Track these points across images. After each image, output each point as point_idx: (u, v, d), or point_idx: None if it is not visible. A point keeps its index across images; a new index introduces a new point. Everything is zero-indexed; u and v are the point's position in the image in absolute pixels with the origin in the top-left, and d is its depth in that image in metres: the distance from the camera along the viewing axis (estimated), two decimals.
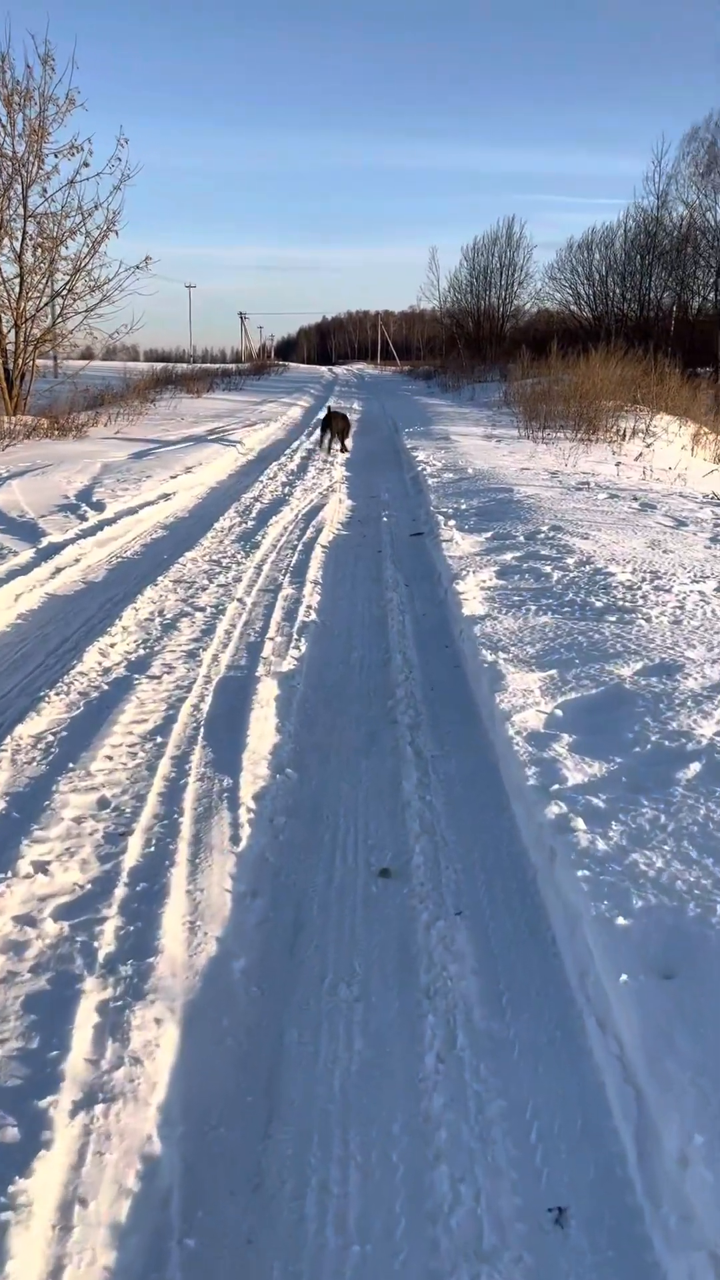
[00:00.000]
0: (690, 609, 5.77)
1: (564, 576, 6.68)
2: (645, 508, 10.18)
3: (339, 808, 3.70)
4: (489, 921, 2.90)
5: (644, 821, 3.15)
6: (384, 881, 3.15)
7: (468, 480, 11.85)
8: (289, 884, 3.17)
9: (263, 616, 6.26)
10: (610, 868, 2.87)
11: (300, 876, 3.22)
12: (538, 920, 2.91)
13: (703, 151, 39.48)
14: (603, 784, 3.48)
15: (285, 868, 3.27)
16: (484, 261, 49.45)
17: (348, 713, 4.71)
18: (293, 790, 3.83)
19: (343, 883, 3.17)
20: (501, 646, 5.12)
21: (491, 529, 8.66)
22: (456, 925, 2.86)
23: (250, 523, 9.78)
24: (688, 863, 2.87)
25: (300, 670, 5.24)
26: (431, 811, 3.60)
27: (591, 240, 45.31)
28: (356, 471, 14.32)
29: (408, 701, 4.78)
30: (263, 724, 4.38)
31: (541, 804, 3.33)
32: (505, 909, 2.97)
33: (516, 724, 4.08)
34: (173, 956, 2.65)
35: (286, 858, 3.33)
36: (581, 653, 4.96)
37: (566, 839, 3.06)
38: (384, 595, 7.01)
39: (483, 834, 3.44)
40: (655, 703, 4.20)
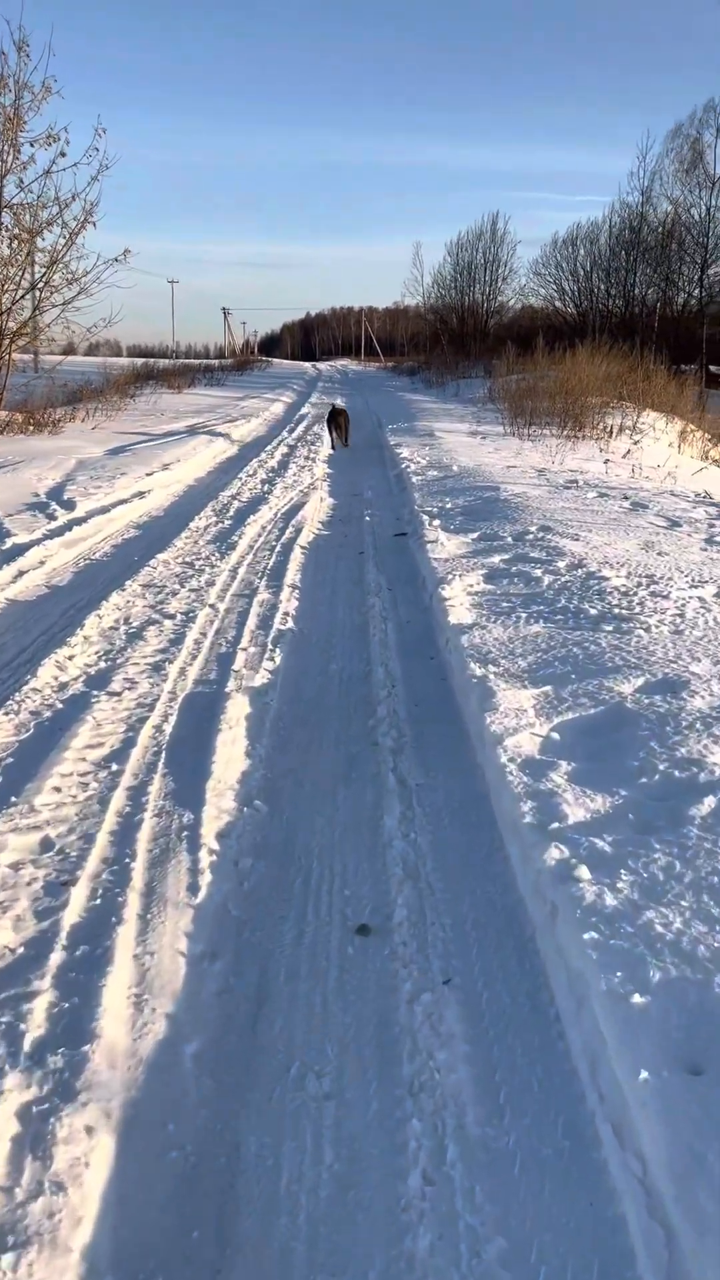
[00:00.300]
0: (691, 617, 5.41)
1: (555, 581, 6.32)
2: (636, 507, 9.83)
3: (313, 847, 3.30)
4: (482, 991, 2.52)
5: (657, 870, 2.78)
6: (362, 940, 2.76)
7: (453, 478, 11.47)
8: (253, 943, 2.78)
9: (236, 624, 5.86)
10: (621, 928, 2.49)
11: (266, 933, 2.83)
12: (538, 991, 2.53)
13: (686, 148, 39.27)
14: (607, 822, 3.11)
15: (250, 922, 2.87)
16: (468, 257, 49.14)
17: (325, 733, 4.32)
18: (261, 826, 3.43)
19: (315, 941, 2.78)
20: (491, 659, 4.74)
21: (478, 529, 8.28)
22: (444, 998, 2.47)
23: (227, 522, 9.37)
24: (711, 923, 2.49)
25: (274, 684, 4.85)
26: (416, 852, 3.22)
27: (576, 236, 45.10)
28: (339, 468, 13.93)
29: (390, 720, 4.39)
30: (231, 748, 3.99)
31: (540, 846, 2.95)
32: (500, 976, 2.59)
33: (509, 749, 3.70)
34: (112, 1042, 2.25)
35: (252, 910, 2.94)
36: (577, 666, 4.58)
37: (569, 891, 2.68)
38: (366, 600, 6.62)
39: (474, 881, 3.05)
40: (660, 725, 3.83)
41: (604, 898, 2.64)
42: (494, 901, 2.92)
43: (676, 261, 40.71)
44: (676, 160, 39.76)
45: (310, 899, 2.98)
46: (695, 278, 39.98)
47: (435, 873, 3.08)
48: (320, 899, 2.98)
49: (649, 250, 41.26)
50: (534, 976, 2.58)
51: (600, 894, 2.66)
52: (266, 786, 3.76)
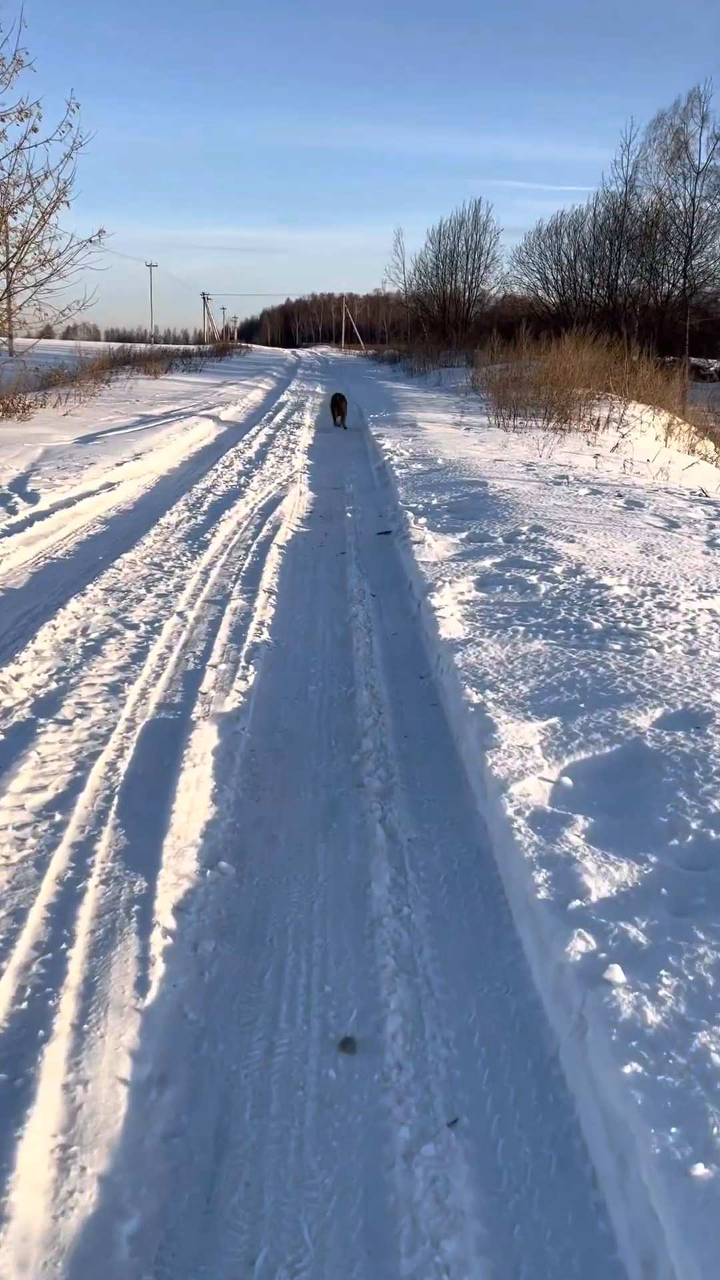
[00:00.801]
0: (704, 634, 4.93)
1: (553, 589, 5.83)
2: (632, 505, 9.36)
3: (287, 925, 2.79)
4: (497, 1139, 2.02)
5: (704, 969, 2.29)
6: (347, 1060, 2.26)
7: (438, 472, 10.96)
8: (213, 1061, 2.27)
9: (206, 636, 5.33)
10: (669, 1058, 2.00)
11: (229, 1046, 2.32)
12: (568, 1138, 2.04)
13: (669, 138, 38.78)
14: (638, 899, 2.62)
15: (209, 1031, 2.36)
16: (450, 245, 48.45)
17: (303, 770, 3.81)
18: (227, 896, 2.92)
19: (289, 1059, 2.27)
20: (488, 683, 4.25)
21: (466, 529, 7.78)
22: (451, 1149, 1.98)
23: (200, 518, 8.81)
24: None
25: (246, 709, 4.32)
26: (410, 934, 2.71)
27: (560, 224, 44.54)
28: (319, 460, 13.38)
29: (377, 756, 3.89)
30: (194, 792, 3.47)
31: (560, 933, 2.46)
32: (518, 1115, 2.09)
33: (516, 799, 3.21)
34: (26, 1226, 1.74)
35: (212, 1013, 2.43)
36: (586, 693, 4.09)
37: (601, 1001, 2.18)
38: (348, 608, 6.10)
39: (480, 975, 2.55)
40: (688, 769, 3.35)
41: (644, 1012, 2.15)
42: (505, 1005, 2.42)
43: (660, 251, 40.27)
44: (660, 150, 39.29)
45: (284, 998, 2.48)
46: (679, 268, 39.56)
47: (434, 963, 2.58)
48: (296, 998, 2.47)
49: (633, 240, 40.79)
50: (561, 1116, 2.09)
51: (639, 1005, 2.17)
52: (234, 841, 3.24)
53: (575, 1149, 1.99)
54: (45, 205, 17.36)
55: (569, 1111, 2.09)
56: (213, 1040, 2.33)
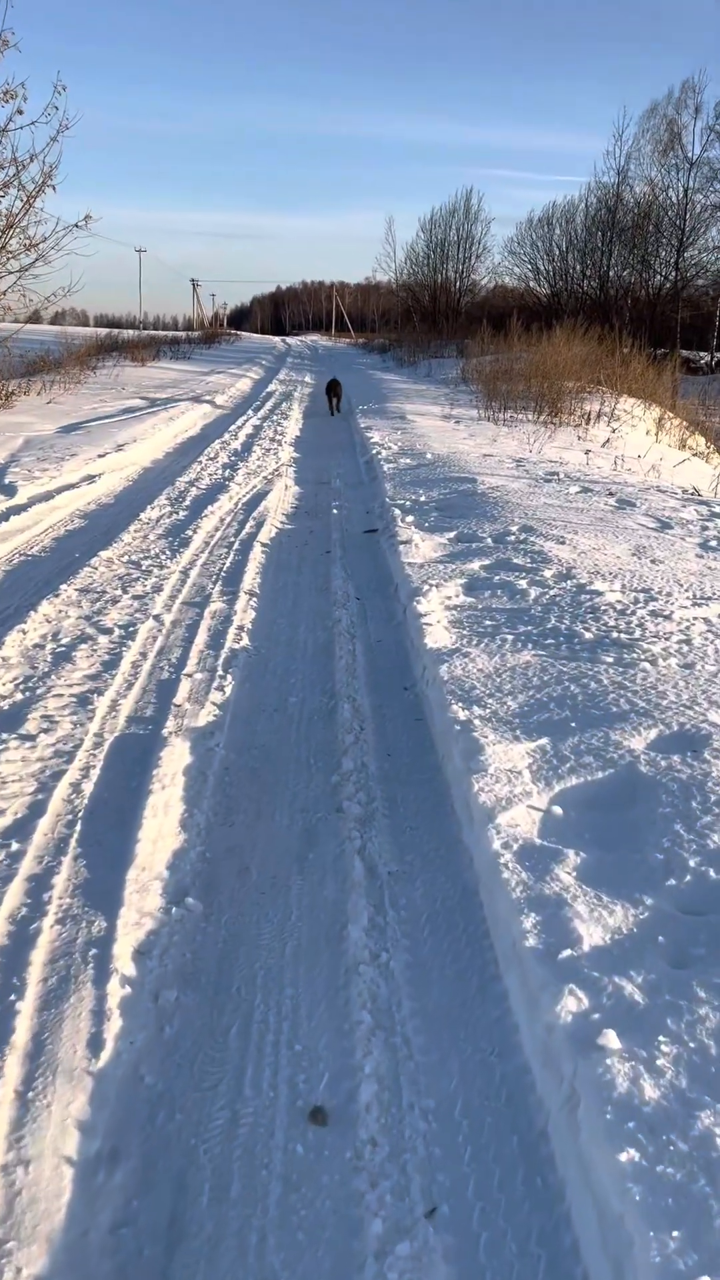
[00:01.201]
0: (699, 645, 4.75)
1: (543, 594, 5.64)
2: (623, 505, 9.17)
3: (256, 971, 2.60)
4: (479, 1232, 1.83)
5: (706, 1035, 2.10)
6: (317, 1133, 2.07)
7: (426, 467, 10.75)
8: (169, 1134, 2.08)
9: (183, 642, 5.12)
10: (671, 1145, 1.82)
11: (189, 1116, 2.12)
12: (557, 1233, 1.85)
13: (662, 129, 38.54)
14: (633, 949, 2.43)
15: (167, 1098, 2.17)
16: (441, 234, 48.08)
17: (280, 792, 3.61)
18: (192, 938, 2.72)
19: (253, 1132, 2.08)
20: (476, 698, 4.05)
21: (455, 528, 7.58)
22: (427, 1246, 1.79)
23: (182, 513, 8.58)
24: None
25: (222, 724, 4.12)
26: (389, 984, 2.52)
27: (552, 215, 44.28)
28: (306, 454, 13.14)
29: (358, 778, 3.69)
30: (163, 817, 3.27)
31: (550, 987, 2.27)
32: (503, 1204, 1.90)
33: (504, 830, 3.02)
34: None
35: (171, 1076, 2.23)
36: (577, 710, 3.91)
37: (594, 1072, 2.00)
38: (331, 613, 5.90)
39: (463, 1033, 2.36)
40: (684, 799, 3.17)
41: (642, 1085, 1.97)
42: (490, 1070, 2.23)
43: (653, 244, 40.08)
44: (653, 141, 39.05)
45: (250, 1058, 2.28)
46: (671, 260, 39.37)
47: (413, 1019, 2.38)
48: (263, 1058, 2.28)
49: (625, 231, 40.56)
50: (550, 1205, 1.90)
51: (636, 1079, 1.98)
52: (203, 874, 3.04)
53: (565, 1246, 1.81)
54: (30, 189, 17.02)
55: (559, 1199, 1.90)
56: (170, 1108, 2.14)
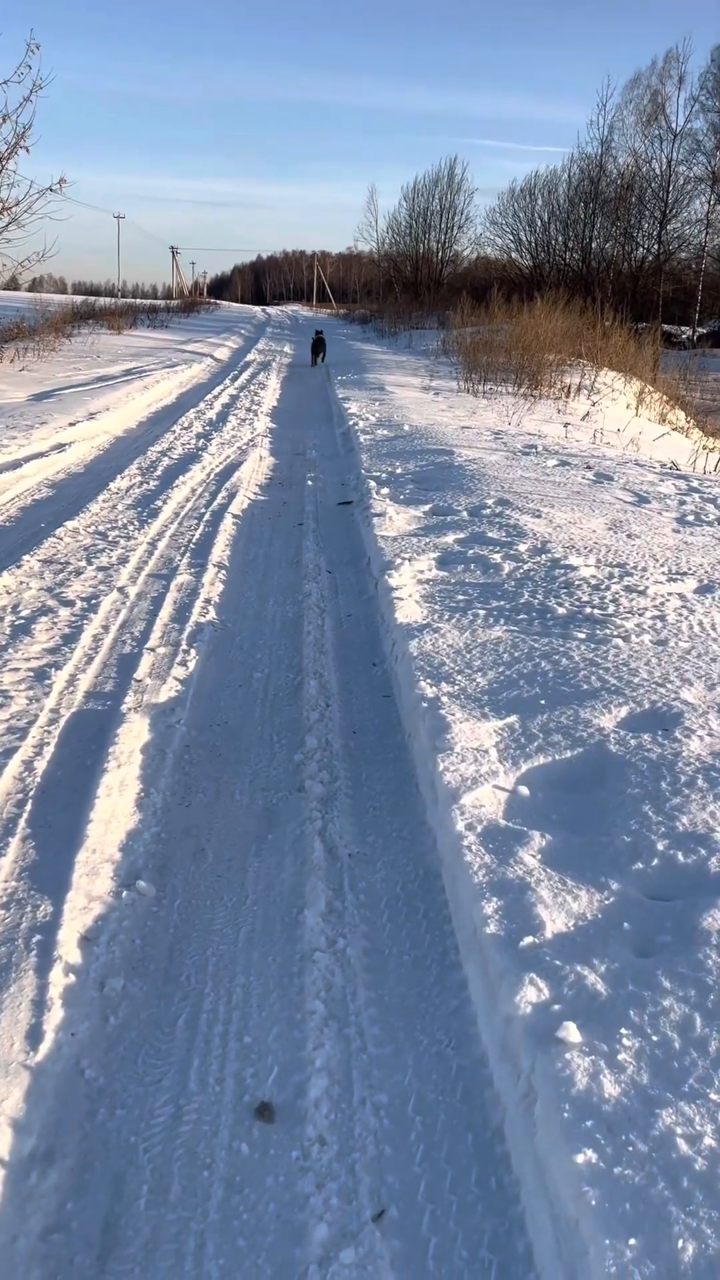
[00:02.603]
0: (673, 621, 4.67)
1: (517, 569, 5.54)
2: (601, 479, 9.07)
3: (208, 958, 2.50)
4: (428, 1237, 1.75)
5: (669, 1028, 2.03)
6: (262, 1130, 1.98)
7: (403, 439, 10.60)
8: (109, 1132, 1.98)
9: (147, 615, 4.99)
10: (630, 1146, 1.74)
11: (130, 1113, 2.03)
12: (511, 1241, 1.76)
13: (646, 99, 38.19)
14: (597, 936, 2.35)
15: (108, 1094, 2.07)
16: (424, 203, 47.55)
17: (240, 771, 3.50)
18: (142, 923, 2.61)
19: (196, 1129, 1.98)
20: (445, 674, 3.95)
21: (430, 500, 7.46)
22: (373, 1253, 1.70)
23: (153, 483, 8.41)
24: None
25: (184, 700, 4.01)
26: (345, 972, 2.43)
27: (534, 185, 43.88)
28: (282, 424, 12.95)
29: (322, 755, 3.59)
30: (117, 796, 3.16)
31: (509, 976, 2.19)
32: (455, 1207, 1.82)
33: (468, 811, 2.93)
34: None
35: (114, 1070, 2.13)
36: (547, 687, 3.82)
37: (553, 1067, 1.92)
38: (302, 586, 5.78)
39: (420, 1023, 2.27)
40: (654, 779, 3.08)
41: (601, 1082, 1.88)
42: (446, 1063, 2.15)
43: (635, 215, 39.80)
44: (636, 111, 38.69)
45: (197, 1051, 2.18)
46: (654, 233, 39.14)
47: (368, 1009, 2.29)
48: (210, 1050, 2.18)
49: (608, 203, 40.24)
50: (504, 1208, 1.82)
51: (596, 1074, 1.90)
52: (157, 855, 2.93)
53: (519, 1252, 1.73)
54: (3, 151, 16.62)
55: (514, 1202, 1.82)
56: (111, 1105, 2.04)
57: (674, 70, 37.18)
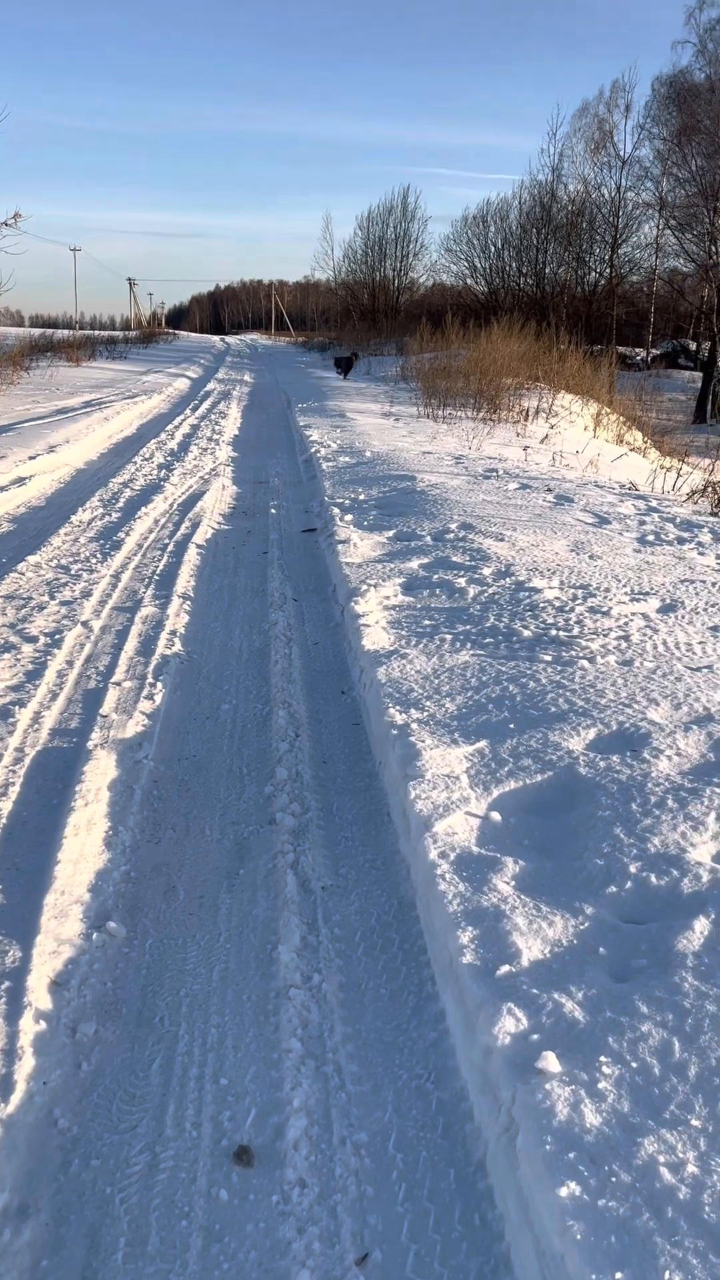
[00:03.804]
0: (637, 641, 4.71)
1: (482, 592, 5.56)
2: (561, 500, 9.16)
3: (181, 999, 2.46)
4: (413, 1278, 1.72)
5: (648, 1054, 2.02)
6: (242, 1174, 1.94)
7: (366, 465, 10.65)
8: (85, 1182, 1.93)
9: (112, 648, 4.95)
10: (614, 1176, 1.73)
11: (105, 1162, 1.98)
12: (497, 1276, 1.74)
13: (594, 128, 38.92)
14: (574, 962, 2.34)
15: (83, 1143, 2.02)
16: (378, 232, 48.01)
17: (210, 805, 3.47)
18: (114, 965, 2.57)
19: (174, 1176, 1.94)
20: (414, 700, 3.95)
21: (394, 526, 7.48)
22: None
23: (115, 515, 8.37)
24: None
25: (151, 734, 3.97)
26: (320, 1008, 2.40)
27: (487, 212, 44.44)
28: (244, 452, 12.96)
29: (292, 786, 3.56)
30: (85, 835, 3.11)
31: (487, 1007, 2.17)
32: (439, 1246, 1.79)
33: (440, 839, 2.92)
34: None
35: (88, 1118, 2.09)
36: (516, 711, 3.83)
37: (533, 1099, 1.90)
38: (268, 615, 5.76)
39: (398, 1057, 2.25)
40: (624, 800, 3.09)
41: (583, 1112, 1.87)
42: (426, 1098, 2.12)
43: (587, 241, 40.45)
44: (585, 139, 39.40)
45: (172, 1095, 2.14)
46: (606, 258, 39.78)
47: (345, 1045, 2.27)
48: (186, 1094, 2.14)
49: (560, 229, 40.87)
50: (488, 1245, 1.80)
51: (577, 1104, 1.89)
52: (127, 895, 2.89)
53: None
54: None
55: (498, 1238, 1.80)
56: (86, 1155, 1.99)
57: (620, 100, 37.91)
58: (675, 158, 32.35)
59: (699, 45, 30.83)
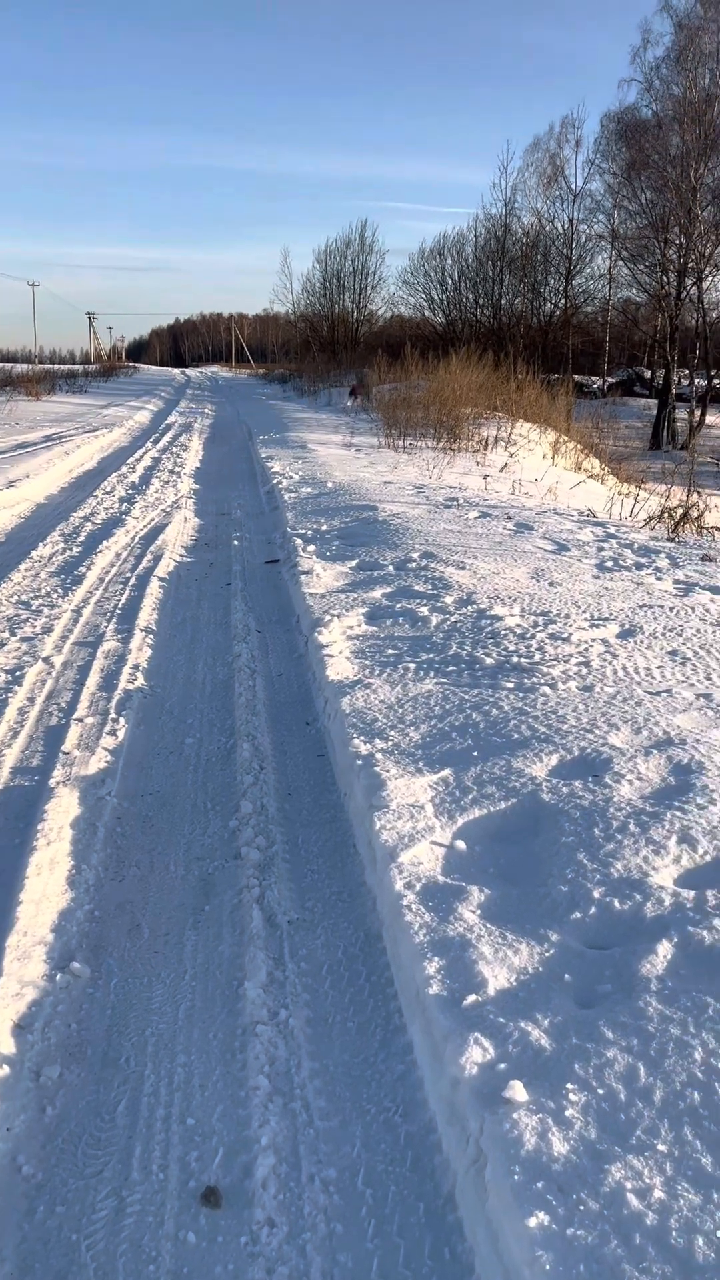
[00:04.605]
0: (597, 667, 4.76)
1: (444, 621, 5.60)
2: (521, 528, 9.27)
3: (147, 1039, 2.43)
4: None
5: (614, 1080, 2.03)
6: (209, 1217, 1.92)
7: (327, 496, 10.71)
8: (49, 1231, 1.90)
9: (74, 684, 4.92)
10: (581, 1205, 1.73)
11: (70, 1209, 1.95)
12: None
13: (545, 162, 39.78)
14: (539, 989, 2.35)
15: (47, 1189, 1.99)
16: (336, 265, 48.61)
17: (175, 841, 3.45)
18: (78, 1007, 2.54)
19: (140, 1222, 1.92)
20: (378, 730, 3.97)
21: (356, 556, 7.53)
22: None
23: (76, 549, 8.35)
24: (706, 1187, 1.76)
25: (114, 771, 3.94)
26: (288, 1044, 2.38)
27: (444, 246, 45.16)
28: (206, 484, 12.99)
29: (257, 820, 3.56)
30: (48, 874, 3.08)
31: (454, 1039, 2.17)
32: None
33: (406, 870, 2.92)
34: None
35: (52, 1164, 2.05)
36: (479, 739, 3.85)
37: (501, 1129, 1.90)
38: (231, 647, 5.76)
39: (366, 1091, 2.24)
40: (587, 826, 3.12)
41: (550, 1141, 1.88)
42: (395, 1131, 2.12)
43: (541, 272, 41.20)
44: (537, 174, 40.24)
45: (138, 1137, 2.12)
46: (560, 288, 40.51)
47: (313, 1080, 2.25)
48: (153, 1135, 2.12)
49: (514, 261, 41.60)
50: (459, 1278, 1.79)
51: (544, 1133, 1.89)
52: (91, 934, 2.86)
53: None
54: None
55: (468, 1271, 1.79)
56: (51, 1201, 1.96)
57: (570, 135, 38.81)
58: (625, 191, 33.16)
59: (645, 83, 31.71)
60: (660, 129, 30.62)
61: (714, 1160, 1.81)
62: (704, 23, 29.31)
